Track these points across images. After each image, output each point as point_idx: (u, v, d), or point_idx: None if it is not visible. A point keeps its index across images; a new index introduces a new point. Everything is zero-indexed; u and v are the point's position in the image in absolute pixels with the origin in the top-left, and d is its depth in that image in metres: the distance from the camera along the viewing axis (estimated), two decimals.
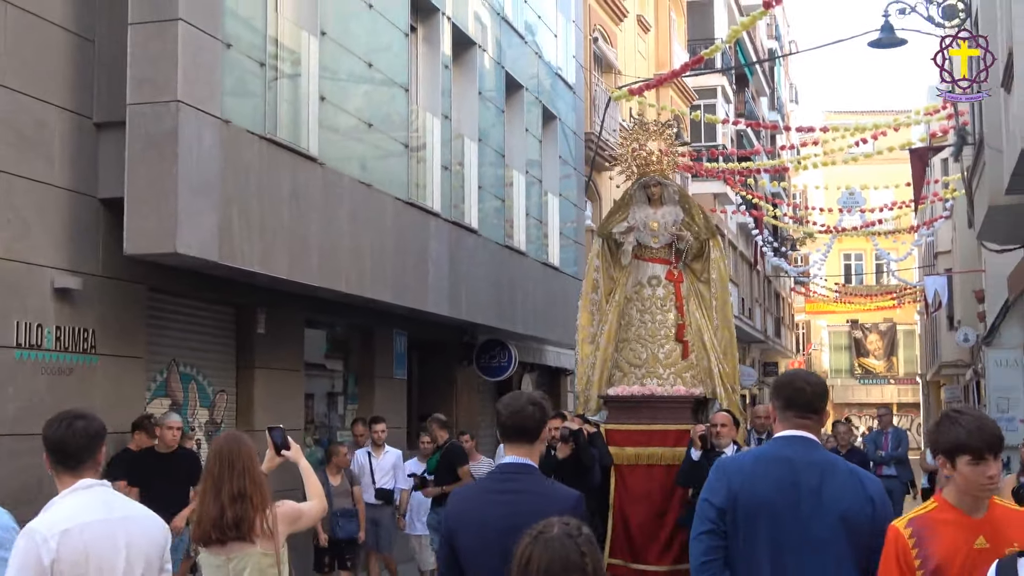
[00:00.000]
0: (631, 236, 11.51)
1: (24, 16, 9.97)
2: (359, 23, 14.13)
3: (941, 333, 38.17)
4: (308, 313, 14.63)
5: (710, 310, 11.74)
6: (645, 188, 11.64)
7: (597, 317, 11.81)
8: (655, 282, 11.48)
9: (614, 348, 11.59)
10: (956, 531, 4.09)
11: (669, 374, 11.21)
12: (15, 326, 9.80)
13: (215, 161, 10.87)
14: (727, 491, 4.57)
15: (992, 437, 4.06)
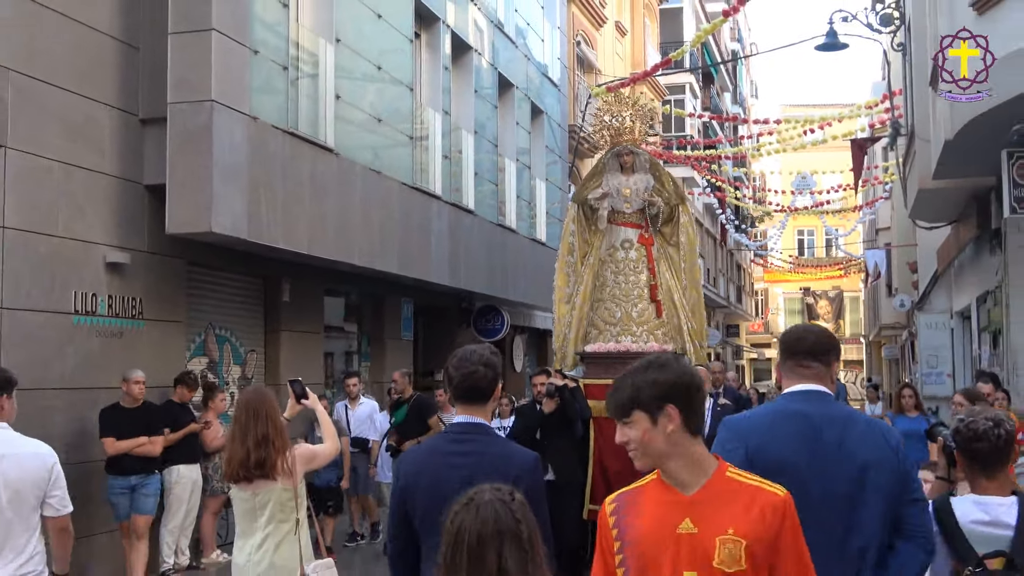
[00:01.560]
0: (606, 202, 10.94)
1: (79, 27, 10.03)
2: (369, 30, 14.14)
3: (881, 299, 38.17)
4: (326, 283, 14.65)
5: (679, 271, 11.18)
6: (618, 157, 11.11)
7: (573, 279, 11.21)
8: (628, 245, 10.95)
9: (589, 307, 11.01)
10: (662, 510, 3.09)
11: (642, 331, 10.66)
12: (73, 296, 9.89)
13: (244, 152, 10.91)
14: (744, 453, 3.75)
15: (621, 398, 3.17)
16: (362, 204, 13.60)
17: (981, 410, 4.46)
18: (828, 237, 54.31)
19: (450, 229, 16.63)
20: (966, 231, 18.92)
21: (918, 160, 18.25)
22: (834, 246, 54.20)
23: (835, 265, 52.80)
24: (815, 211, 40.19)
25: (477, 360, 4.05)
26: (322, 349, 14.85)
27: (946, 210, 19.47)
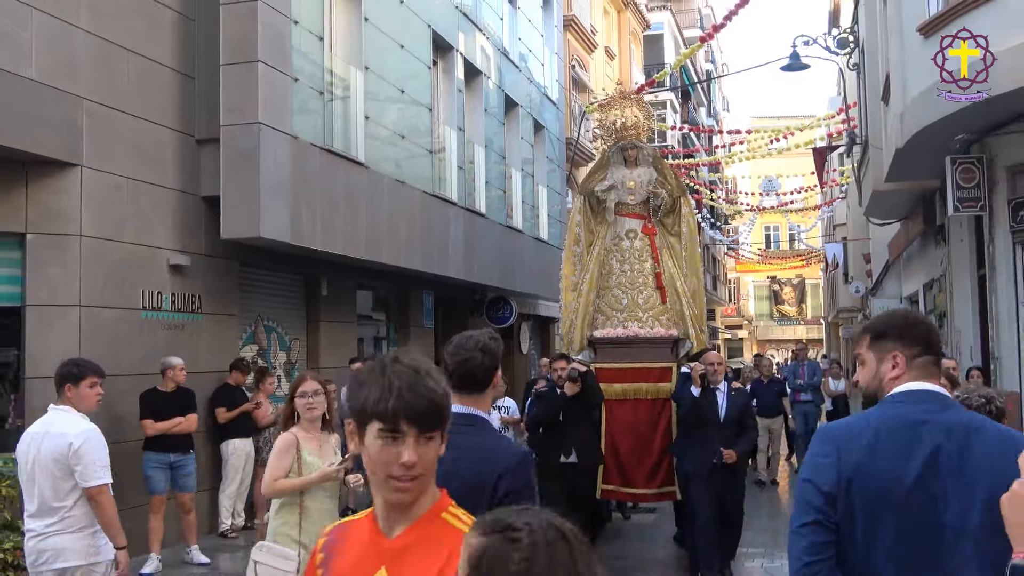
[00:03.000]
0: (612, 193, 10.33)
1: (144, 61, 10.09)
2: (393, 59, 14.12)
3: (839, 286, 38.20)
4: (359, 279, 14.62)
5: (680, 259, 10.50)
6: (623, 151, 10.48)
7: (579, 267, 10.60)
8: (632, 235, 10.31)
9: (596, 294, 10.34)
10: (363, 554, 2.20)
11: (648, 317, 10.06)
12: (141, 294, 9.96)
13: (287, 167, 10.94)
14: (838, 469, 2.69)
15: (415, 402, 2.03)
16: (389, 210, 13.59)
17: (975, 388, 4.37)
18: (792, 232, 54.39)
19: (465, 230, 16.60)
20: (914, 227, 18.94)
21: (872, 165, 18.28)
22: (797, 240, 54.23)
23: (798, 256, 52.72)
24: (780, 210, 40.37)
25: (473, 346, 3.38)
26: (355, 336, 14.85)
27: (896, 208, 19.51)
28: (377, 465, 2.02)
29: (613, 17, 32.16)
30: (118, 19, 9.67)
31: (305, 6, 11.62)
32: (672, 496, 9.25)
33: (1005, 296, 12.28)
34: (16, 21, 8.36)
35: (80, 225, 9.18)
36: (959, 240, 14.10)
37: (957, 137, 11.99)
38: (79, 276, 9.15)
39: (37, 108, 8.60)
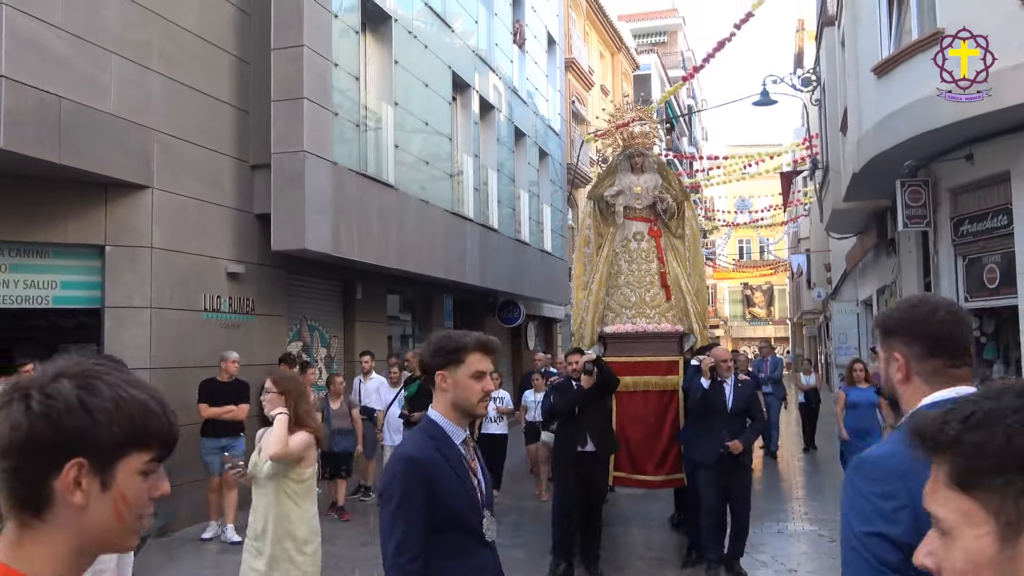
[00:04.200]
0: (620, 198, 9.66)
1: (206, 98, 10.10)
2: (419, 96, 14.13)
3: (803, 291, 38.14)
4: (389, 285, 14.62)
5: (684, 260, 9.82)
6: (629, 158, 9.84)
7: (589, 267, 9.92)
8: (639, 237, 9.66)
9: (605, 292, 9.64)
10: None
11: (655, 314, 9.44)
12: (203, 297, 9.99)
13: (328, 189, 10.93)
14: (915, 514, 1.69)
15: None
16: (414, 226, 13.59)
17: None
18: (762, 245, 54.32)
19: (480, 243, 16.60)
20: (868, 240, 18.92)
21: (831, 187, 18.28)
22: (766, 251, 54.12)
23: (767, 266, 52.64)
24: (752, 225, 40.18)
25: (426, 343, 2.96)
26: (386, 334, 14.85)
27: (853, 224, 19.53)
28: (136, 507, 1.26)
29: (608, 59, 32.17)
30: (184, 63, 9.70)
31: (344, 50, 11.63)
32: (679, 483, 8.71)
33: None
34: (98, 65, 8.40)
35: (151, 238, 9.22)
36: (908, 252, 14.09)
37: (906, 163, 11.98)
38: (150, 282, 9.18)
39: (115, 138, 8.64)
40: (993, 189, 11.15)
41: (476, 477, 2.80)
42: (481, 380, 2.73)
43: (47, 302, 8.94)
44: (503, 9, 19.12)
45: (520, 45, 20.45)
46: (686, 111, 43.05)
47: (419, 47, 14.15)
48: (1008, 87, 9.53)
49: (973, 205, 11.67)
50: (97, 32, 8.37)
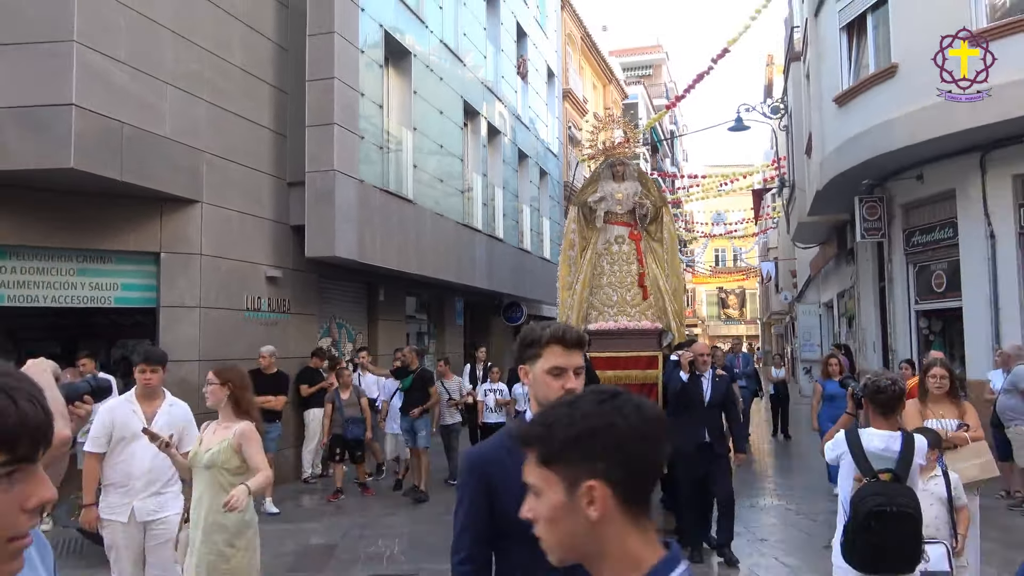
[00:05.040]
0: (602, 204, 9.26)
1: (249, 124, 10.14)
2: (434, 122, 14.17)
3: (771, 295, 38.09)
4: (408, 288, 14.62)
5: (662, 262, 9.40)
6: (611, 167, 9.41)
7: (574, 269, 9.54)
8: (620, 240, 9.27)
9: (589, 292, 9.28)
10: None
11: (636, 312, 9.07)
12: (245, 298, 10.02)
13: (355, 203, 10.96)
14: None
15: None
16: (430, 236, 13.61)
17: (883, 372, 4.28)
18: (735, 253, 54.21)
19: (487, 251, 16.63)
20: (830, 250, 18.96)
21: (797, 203, 18.31)
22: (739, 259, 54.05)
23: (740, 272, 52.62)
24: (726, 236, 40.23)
25: None
26: (404, 331, 14.86)
27: (816, 236, 19.56)
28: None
29: (600, 90, 32.18)
30: (230, 92, 9.75)
31: (369, 82, 11.69)
32: None
33: (900, 303, 12.31)
34: (156, 94, 8.48)
35: (201, 246, 9.27)
36: (865, 260, 14.15)
37: (863, 182, 12.05)
38: (199, 285, 9.23)
39: (170, 159, 8.70)
40: (941, 205, 11.22)
41: None
42: (560, 377, 2.20)
43: (109, 302, 9.00)
44: (508, 45, 19.19)
45: (523, 77, 20.51)
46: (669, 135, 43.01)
47: (435, 79, 14.21)
48: (955, 116, 9.60)
49: (923, 219, 11.74)
50: (155, 66, 8.44)
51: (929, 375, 5.20)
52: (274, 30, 10.67)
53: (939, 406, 5.17)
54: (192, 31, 9.04)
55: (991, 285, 10.13)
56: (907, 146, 10.34)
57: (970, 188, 10.39)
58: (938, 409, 5.16)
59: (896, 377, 4.05)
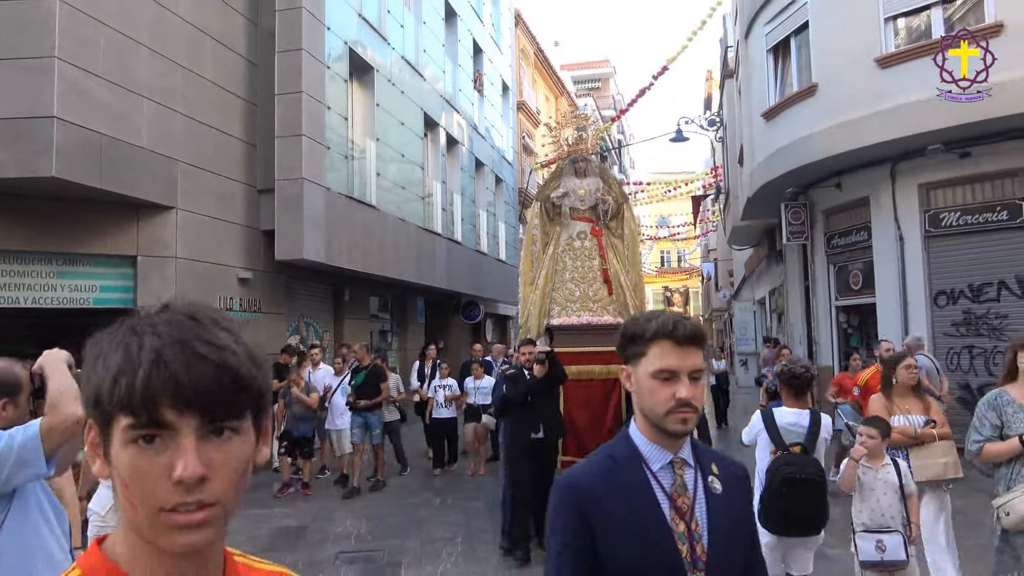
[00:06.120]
0: (565, 199, 8.78)
1: (222, 135, 10.22)
2: (396, 132, 14.25)
3: (712, 293, 38.68)
4: (371, 288, 14.65)
5: (623, 258, 8.91)
6: (574, 163, 8.95)
7: (536, 265, 8.95)
8: (583, 236, 8.76)
9: (551, 288, 8.71)
10: None
11: (598, 307, 8.54)
12: (218, 299, 10.05)
13: (322, 209, 11.04)
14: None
15: (190, 371, 0.81)
16: (393, 239, 13.70)
17: (798, 359, 4.46)
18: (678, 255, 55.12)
19: (447, 253, 16.72)
20: (761, 251, 19.49)
21: (732, 208, 18.81)
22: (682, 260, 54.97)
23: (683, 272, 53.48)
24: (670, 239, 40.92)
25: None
26: (368, 329, 14.91)
27: (750, 238, 20.03)
28: (137, 492, 0.82)
29: (552, 101, 32.57)
30: (203, 105, 9.81)
31: (335, 96, 11.78)
32: None
33: (822, 300, 12.79)
34: (133, 107, 8.54)
35: (176, 250, 9.33)
36: (792, 261, 14.57)
37: (788, 190, 12.48)
38: (174, 286, 9.27)
39: (146, 168, 8.75)
40: (856, 211, 11.72)
41: (684, 521, 1.61)
42: (670, 383, 1.62)
43: (88, 303, 9.02)
44: (465, 61, 19.39)
45: (479, 90, 20.68)
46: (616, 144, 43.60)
47: (396, 92, 14.34)
48: (867, 131, 10.12)
49: (841, 223, 12.22)
50: (132, 80, 8.51)
51: (904, 366, 4.84)
52: (245, 47, 10.74)
53: (905, 401, 4.86)
54: (168, 48, 9.11)
55: (900, 282, 10.62)
56: (824, 158, 10.81)
57: (882, 196, 10.89)
58: (904, 404, 4.85)
59: (808, 364, 4.28)
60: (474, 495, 9.17)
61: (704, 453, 1.74)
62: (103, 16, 8.07)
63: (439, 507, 8.51)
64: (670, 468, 1.65)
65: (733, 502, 1.67)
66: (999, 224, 9.78)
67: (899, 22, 10.33)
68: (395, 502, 8.73)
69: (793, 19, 11.94)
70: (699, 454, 1.70)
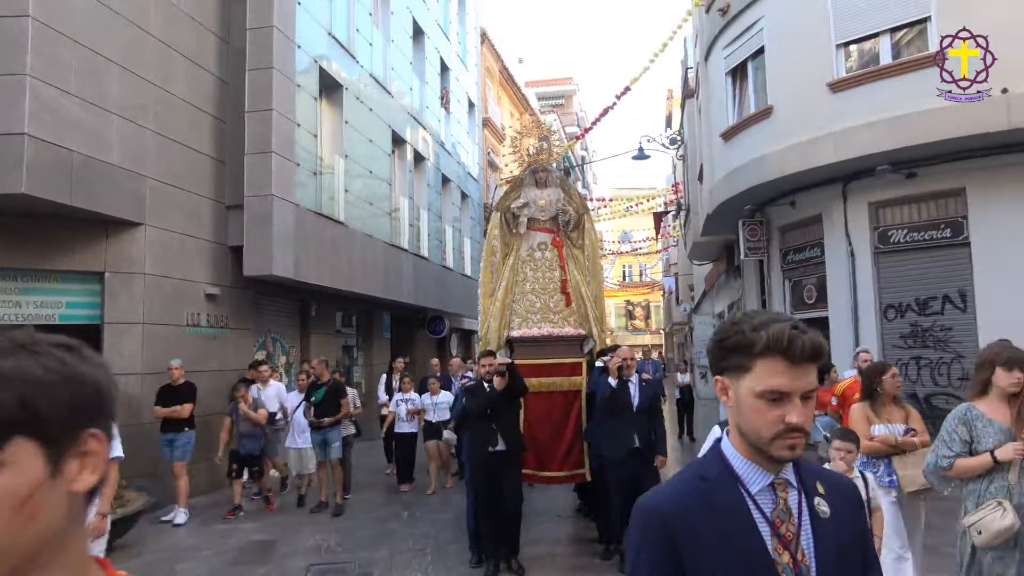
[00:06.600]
0: (525, 210, 8.62)
1: (191, 151, 10.21)
2: (364, 149, 14.32)
3: (672, 306, 39.08)
4: (338, 303, 14.64)
5: (584, 269, 8.73)
6: (534, 173, 8.80)
7: (496, 276, 8.76)
8: (543, 247, 8.57)
9: (512, 299, 8.50)
10: None
11: (559, 319, 8.32)
12: (186, 314, 10.05)
13: (291, 225, 11.07)
14: None
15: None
16: (360, 255, 13.72)
17: None
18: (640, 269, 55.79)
19: (413, 269, 16.77)
20: (721, 266, 19.93)
21: (692, 225, 19.22)
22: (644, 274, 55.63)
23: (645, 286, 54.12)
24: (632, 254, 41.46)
25: None
26: (334, 344, 14.89)
27: (709, 254, 20.45)
28: None
29: (517, 118, 32.87)
30: (173, 122, 9.83)
31: (304, 113, 11.87)
32: (582, 478, 7.72)
33: None
34: (104, 124, 8.55)
35: (144, 266, 9.31)
36: (749, 275, 14.93)
37: (745, 207, 12.87)
38: (142, 302, 9.26)
39: (116, 184, 8.75)
40: (810, 228, 12.14)
41: (788, 552, 1.42)
42: (779, 405, 1.41)
43: (53, 319, 8.95)
44: (432, 78, 19.59)
45: (446, 107, 20.87)
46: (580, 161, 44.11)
47: (364, 109, 14.46)
48: (820, 152, 10.54)
49: (796, 240, 12.63)
50: (103, 98, 8.54)
51: (890, 374, 4.78)
52: (215, 64, 10.80)
53: (886, 410, 4.82)
54: (139, 66, 9.15)
55: (852, 297, 11.04)
56: (779, 177, 11.21)
57: (834, 213, 11.32)
58: (885, 413, 4.81)
59: None
60: (440, 508, 9.30)
61: (808, 471, 1.50)
62: (75, 34, 8.11)
63: (407, 520, 8.61)
64: (771, 490, 1.45)
65: (843, 526, 1.46)
66: (943, 241, 10.24)
67: (850, 48, 10.80)
68: (363, 515, 8.83)
69: (750, 44, 12.37)
70: (802, 472, 1.48)
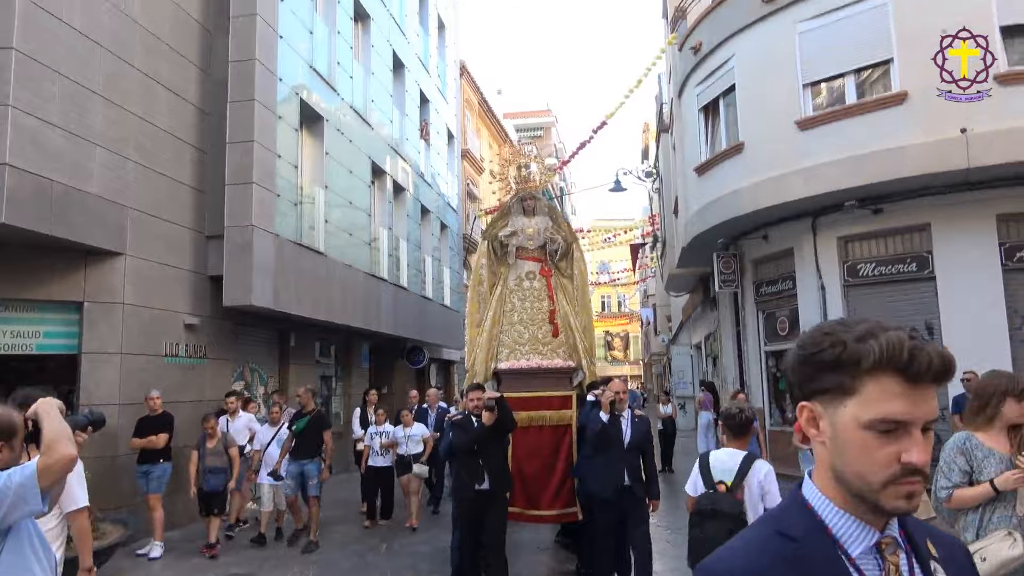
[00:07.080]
0: (513, 239, 8.41)
1: (172, 182, 10.25)
2: (344, 180, 14.41)
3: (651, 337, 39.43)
4: (317, 333, 14.63)
5: (573, 299, 8.43)
6: (522, 201, 8.61)
7: (483, 306, 8.44)
8: (532, 276, 8.30)
9: (499, 330, 8.17)
10: None
11: (548, 350, 7.99)
12: (164, 344, 10.00)
13: (271, 256, 11.08)
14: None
15: None
16: (340, 285, 13.74)
17: (736, 403, 4.75)
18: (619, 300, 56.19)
19: (393, 299, 16.78)
20: (697, 298, 20.20)
21: (668, 257, 19.50)
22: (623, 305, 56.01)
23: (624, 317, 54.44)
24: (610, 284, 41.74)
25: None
26: (314, 374, 14.83)
27: (686, 285, 20.72)
28: None
29: (496, 149, 33.23)
30: (155, 153, 9.87)
31: (285, 144, 11.94)
32: (573, 517, 7.33)
33: (752, 345, 13.39)
34: (85, 155, 8.58)
35: (123, 296, 9.28)
36: (724, 307, 15.17)
37: (719, 240, 13.15)
38: (121, 332, 9.22)
39: (96, 214, 8.77)
40: (782, 261, 12.43)
41: None
42: (895, 438, 1.10)
43: (31, 349, 8.90)
44: (412, 110, 19.82)
45: (426, 139, 21.06)
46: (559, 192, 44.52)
47: (345, 141, 14.58)
48: (790, 188, 10.83)
49: (769, 273, 12.90)
50: (85, 129, 8.59)
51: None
52: (197, 96, 10.89)
53: None
54: (122, 97, 9.22)
55: None
56: (751, 211, 11.49)
57: (805, 247, 11.61)
58: None
59: (745, 407, 4.57)
60: (418, 540, 9.27)
61: (915, 527, 1.20)
62: (58, 66, 8.18)
63: (385, 553, 8.58)
64: (875, 552, 1.15)
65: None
66: (909, 275, 10.53)
67: (818, 87, 11.17)
68: (341, 549, 8.79)
69: (721, 81, 12.72)
70: (909, 528, 1.19)
